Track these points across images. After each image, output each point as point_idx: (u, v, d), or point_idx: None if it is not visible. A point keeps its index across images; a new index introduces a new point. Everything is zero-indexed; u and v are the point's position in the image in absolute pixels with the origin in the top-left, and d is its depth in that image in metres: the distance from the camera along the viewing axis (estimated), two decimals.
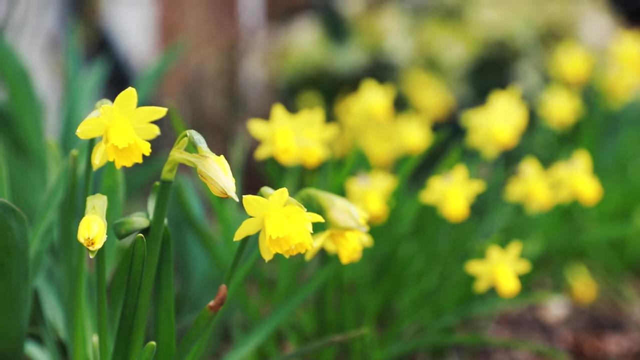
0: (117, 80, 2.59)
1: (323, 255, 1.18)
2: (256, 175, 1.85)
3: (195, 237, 1.24)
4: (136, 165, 1.15)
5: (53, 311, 0.99)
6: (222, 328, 1.28)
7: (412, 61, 2.66)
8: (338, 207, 0.93)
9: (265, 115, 1.26)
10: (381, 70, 2.66)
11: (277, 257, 1.08)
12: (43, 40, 2.25)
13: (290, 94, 2.69)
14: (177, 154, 0.83)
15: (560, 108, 1.74)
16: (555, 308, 1.68)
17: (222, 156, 0.80)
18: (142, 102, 1.49)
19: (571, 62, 1.91)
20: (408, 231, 1.34)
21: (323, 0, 2.87)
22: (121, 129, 0.80)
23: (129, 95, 0.80)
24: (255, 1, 2.88)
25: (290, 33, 2.77)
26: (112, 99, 0.81)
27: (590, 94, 1.93)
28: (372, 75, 2.57)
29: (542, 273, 1.70)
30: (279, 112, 1.09)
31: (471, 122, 1.39)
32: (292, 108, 2.52)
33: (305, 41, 2.75)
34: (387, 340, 1.27)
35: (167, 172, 0.84)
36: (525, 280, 1.41)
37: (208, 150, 0.81)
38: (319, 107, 2.55)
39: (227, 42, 2.77)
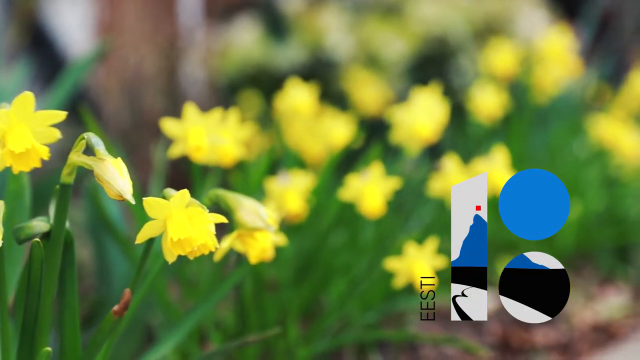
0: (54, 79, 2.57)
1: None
2: (184, 175, 1.84)
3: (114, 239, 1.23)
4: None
5: None
6: (145, 329, 1.27)
7: (352, 58, 2.67)
8: (246, 208, 0.93)
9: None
10: (322, 67, 2.67)
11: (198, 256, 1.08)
12: None
13: (231, 92, 2.68)
14: (76, 157, 0.82)
15: (488, 102, 1.76)
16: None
17: (119, 159, 0.80)
18: (67, 98, 1.47)
19: (500, 57, 1.93)
20: (333, 227, 1.34)
21: None
22: (18, 133, 0.79)
23: (26, 99, 0.79)
24: None
25: (231, 31, 2.77)
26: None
27: (519, 89, 1.96)
28: (312, 72, 2.57)
29: None
30: (190, 110, 1.09)
31: (394, 118, 1.40)
32: (233, 106, 2.51)
33: (245, 39, 2.74)
34: (312, 337, 1.28)
35: (66, 176, 0.83)
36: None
37: (106, 152, 0.80)
38: (258, 105, 2.54)
39: (166, 40, 2.75)
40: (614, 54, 2.75)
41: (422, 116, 1.35)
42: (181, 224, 0.81)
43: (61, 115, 0.81)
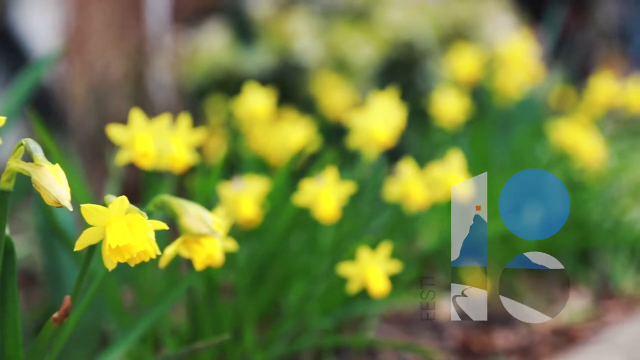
0: None
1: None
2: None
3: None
4: None
5: None
6: (99, 335, 1.26)
7: (321, 62, 2.67)
8: (190, 214, 0.92)
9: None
10: (290, 72, 2.66)
11: (152, 262, 1.07)
12: None
13: (199, 97, 2.68)
14: (14, 163, 0.81)
15: (450, 107, 1.77)
16: (447, 306, 1.69)
17: (57, 165, 0.79)
18: (24, 100, 1.45)
19: (463, 62, 1.94)
20: (290, 230, 1.34)
21: (232, 3, 2.86)
22: None
23: None
24: (161, 4, 2.86)
25: (199, 36, 2.76)
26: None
27: (483, 93, 1.97)
28: (281, 77, 2.57)
29: (436, 269, 1.72)
30: (136, 116, 1.08)
31: (352, 123, 1.40)
32: (200, 111, 2.50)
33: (213, 44, 2.74)
34: (269, 342, 1.27)
35: (5, 182, 0.83)
36: (417, 278, 1.43)
37: (44, 159, 0.80)
38: (226, 110, 2.53)
39: (133, 45, 2.74)
40: (578, 58, 2.77)
41: (379, 121, 1.35)
42: (120, 231, 0.81)
43: (0, 120, 0.80)
